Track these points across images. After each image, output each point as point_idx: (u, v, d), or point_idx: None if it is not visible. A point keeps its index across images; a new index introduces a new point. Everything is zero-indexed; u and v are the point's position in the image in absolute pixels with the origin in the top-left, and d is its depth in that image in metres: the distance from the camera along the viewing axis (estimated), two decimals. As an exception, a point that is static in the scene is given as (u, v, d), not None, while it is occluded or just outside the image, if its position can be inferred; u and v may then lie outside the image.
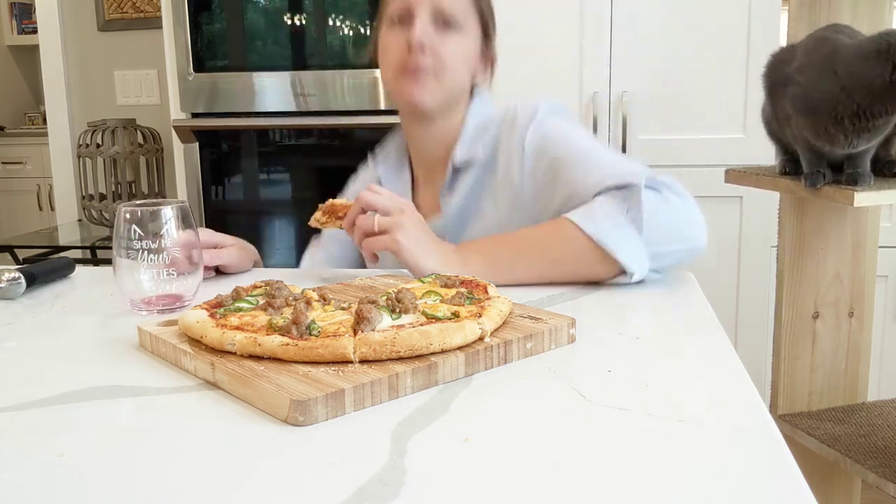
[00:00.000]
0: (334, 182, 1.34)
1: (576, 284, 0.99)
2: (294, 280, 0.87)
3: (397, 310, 0.73)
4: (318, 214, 1.08)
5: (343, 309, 0.76)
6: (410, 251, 0.98)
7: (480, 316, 0.72)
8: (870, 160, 1.26)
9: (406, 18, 1.19)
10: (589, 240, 0.96)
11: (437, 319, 0.71)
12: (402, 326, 0.69)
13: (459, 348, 0.69)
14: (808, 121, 1.26)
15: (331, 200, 1.09)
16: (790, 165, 1.37)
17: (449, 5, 1.19)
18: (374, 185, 1.05)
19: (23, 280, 1.01)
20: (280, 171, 2.75)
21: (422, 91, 1.18)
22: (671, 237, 0.97)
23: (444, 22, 1.18)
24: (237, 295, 0.82)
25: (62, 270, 1.11)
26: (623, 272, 0.96)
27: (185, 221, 0.90)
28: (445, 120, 1.23)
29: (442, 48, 1.18)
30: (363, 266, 1.15)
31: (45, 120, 3.48)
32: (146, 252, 0.87)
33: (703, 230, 0.99)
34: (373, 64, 1.30)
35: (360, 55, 2.46)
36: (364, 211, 1.02)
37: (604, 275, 0.98)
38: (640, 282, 0.98)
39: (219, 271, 1.14)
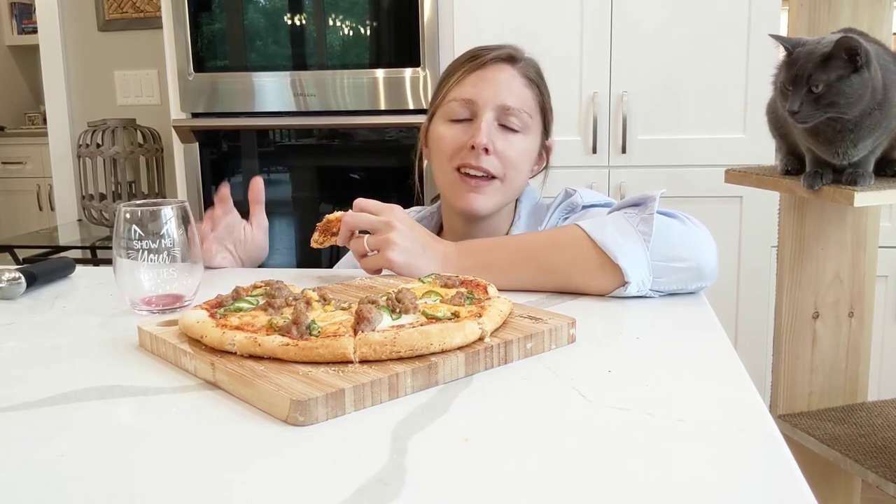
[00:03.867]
0: (334, 182, 1.34)
1: (575, 295, 0.97)
2: (294, 280, 0.87)
3: (397, 310, 0.73)
4: (315, 235, 1.07)
5: (343, 309, 0.76)
6: (405, 266, 0.98)
7: (480, 316, 0.72)
8: (873, 161, 1.26)
9: (469, 116, 1.17)
10: (592, 244, 0.93)
11: (437, 319, 0.71)
12: (402, 326, 0.69)
13: (459, 348, 0.69)
14: (799, 131, 1.27)
15: (326, 217, 1.07)
16: (792, 163, 1.37)
17: (517, 109, 1.17)
18: (360, 200, 1.02)
19: (23, 280, 1.01)
20: (280, 171, 2.75)
21: (479, 199, 1.16)
22: (677, 253, 0.93)
23: (508, 123, 1.17)
24: (237, 295, 0.82)
25: (62, 270, 1.11)
26: (624, 285, 0.92)
27: (185, 221, 0.90)
28: (496, 216, 1.22)
29: (507, 150, 1.16)
30: None
31: (45, 120, 3.49)
32: (146, 252, 0.87)
33: (713, 257, 0.94)
34: (419, 156, 1.29)
35: (360, 55, 2.46)
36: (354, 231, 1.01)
37: (604, 284, 0.93)
38: (641, 297, 0.94)
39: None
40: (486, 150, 1.15)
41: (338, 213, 1.06)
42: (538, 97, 1.21)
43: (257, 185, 1.23)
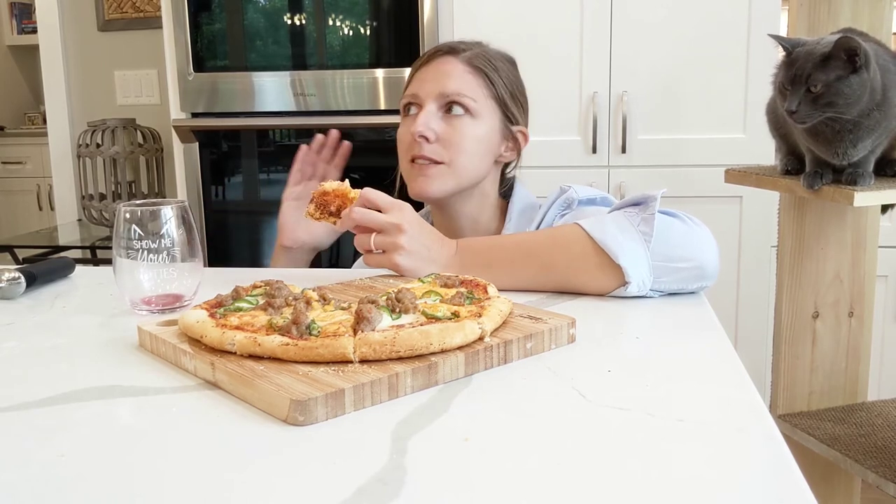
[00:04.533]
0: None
1: (575, 295, 0.96)
2: (294, 280, 0.87)
3: (397, 310, 0.73)
4: (311, 208, 1.04)
5: (343, 309, 0.76)
6: (410, 271, 0.98)
7: (480, 316, 0.72)
8: (873, 161, 1.26)
9: (415, 108, 1.21)
10: (593, 244, 0.93)
11: (437, 319, 0.71)
12: (402, 326, 0.69)
13: (459, 348, 0.69)
14: (799, 131, 1.27)
15: (321, 187, 1.04)
16: (792, 163, 1.37)
17: (456, 94, 1.19)
18: (369, 192, 1.01)
19: (23, 280, 1.01)
20: (280, 171, 2.74)
21: (427, 182, 1.19)
22: (679, 253, 0.92)
23: (453, 109, 1.19)
24: (237, 295, 0.82)
25: (62, 270, 1.11)
26: (624, 285, 0.92)
27: (185, 221, 0.90)
28: (467, 203, 1.25)
29: (451, 135, 1.19)
30: None
31: (45, 120, 3.49)
32: (146, 252, 0.87)
33: (714, 257, 0.94)
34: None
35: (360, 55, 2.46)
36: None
37: (604, 284, 0.93)
38: (641, 297, 0.94)
39: None
40: (427, 139, 1.18)
41: (334, 184, 1.03)
42: (486, 83, 1.22)
43: (347, 146, 1.32)
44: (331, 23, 2.47)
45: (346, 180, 1.05)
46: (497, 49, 1.28)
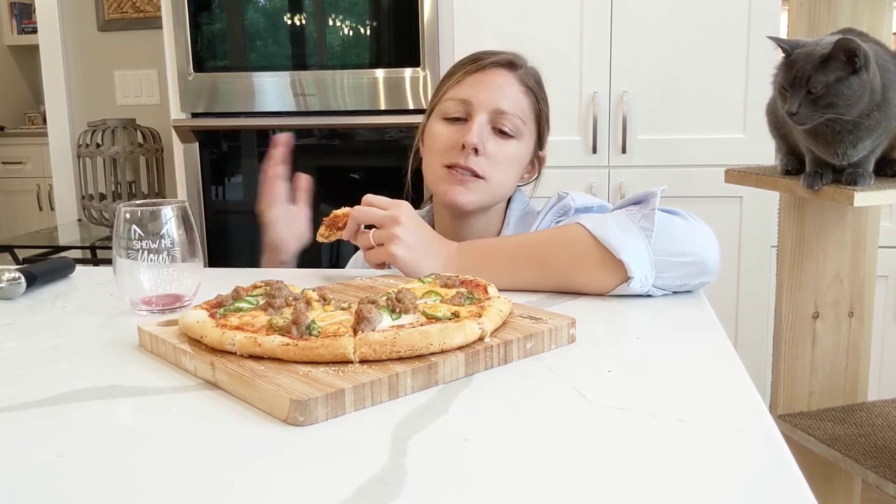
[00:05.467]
0: (334, 182, 1.34)
1: (575, 295, 0.96)
2: (294, 280, 0.87)
3: (397, 310, 0.73)
4: (322, 229, 1.08)
5: (343, 309, 0.76)
6: (407, 262, 0.98)
7: (480, 316, 0.72)
8: (873, 161, 1.26)
9: (464, 116, 1.19)
10: (594, 241, 0.93)
11: (437, 319, 0.71)
12: (402, 326, 0.69)
13: (459, 348, 0.69)
14: (799, 132, 1.27)
15: (333, 212, 1.08)
16: (792, 163, 1.37)
17: (513, 114, 1.19)
18: (368, 195, 1.03)
19: (23, 280, 1.01)
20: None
21: (464, 193, 1.18)
22: (680, 248, 0.92)
23: (501, 127, 1.18)
24: (237, 295, 0.82)
25: (62, 270, 1.11)
26: (627, 281, 0.92)
27: (185, 221, 0.90)
28: (483, 217, 1.25)
29: (497, 153, 1.18)
30: None
31: (45, 120, 3.49)
32: (146, 252, 0.87)
33: (715, 252, 0.94)
34: (415, 153, 1.31)
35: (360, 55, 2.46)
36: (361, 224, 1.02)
37: (606, 281, 0.93)
38: (644, 296, 0.94)
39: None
40: (476, 151, 1.17)
41: (345, 209, 1.07)
42: (534, 106, 1.23)
43: (306, 179, 1.32)
44: (331, 23, 2.47)
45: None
46: (531, 65, 1.27)
